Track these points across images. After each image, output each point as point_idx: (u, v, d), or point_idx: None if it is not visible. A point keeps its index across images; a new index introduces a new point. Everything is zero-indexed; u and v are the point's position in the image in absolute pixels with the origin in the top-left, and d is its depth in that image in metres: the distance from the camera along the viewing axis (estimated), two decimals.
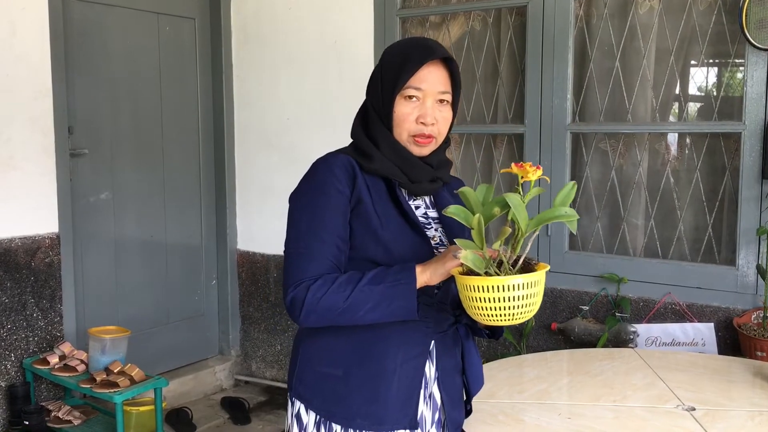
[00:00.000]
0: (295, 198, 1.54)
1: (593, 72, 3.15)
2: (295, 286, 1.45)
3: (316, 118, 3.79)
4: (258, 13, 3.93)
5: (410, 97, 1.51)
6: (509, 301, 1.28)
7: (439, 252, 1.55)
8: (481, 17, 3.43)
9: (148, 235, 3.78)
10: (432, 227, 1.60)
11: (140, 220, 3.74)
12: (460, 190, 1.40)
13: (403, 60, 1.52)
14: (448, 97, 1.54)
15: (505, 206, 1.31)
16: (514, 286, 1.27)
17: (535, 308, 1.32)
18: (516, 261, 1.33)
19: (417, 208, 1.60)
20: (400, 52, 1.55)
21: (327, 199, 1.49)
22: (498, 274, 1.30)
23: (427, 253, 1.51)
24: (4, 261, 3.06)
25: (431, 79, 1.51)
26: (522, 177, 1.33)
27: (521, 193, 1.33)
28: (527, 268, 1.33)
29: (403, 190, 1.57)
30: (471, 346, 1.66)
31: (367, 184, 1.52)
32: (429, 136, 1.53)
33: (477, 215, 1.31)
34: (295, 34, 3.82)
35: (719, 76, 3.00)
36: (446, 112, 1.55)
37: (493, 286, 1.28)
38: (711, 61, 3.00)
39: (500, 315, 1.29)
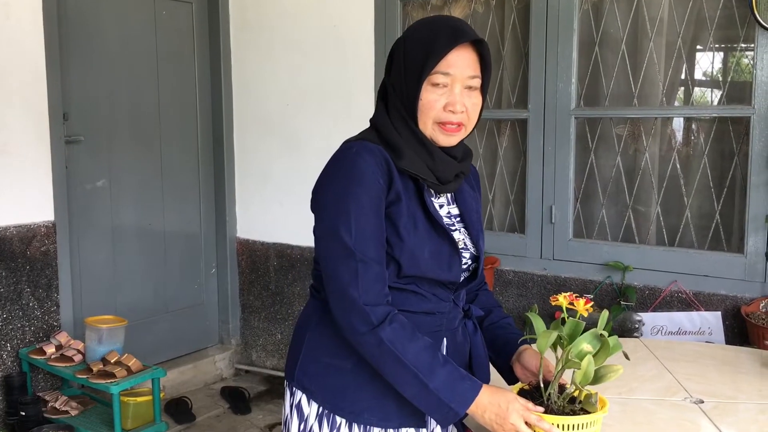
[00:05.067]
0: (328, 192, 1.39)
1: (599, 56, 3.09)
2: (372, 306, 1.34)
3: (317, 104, 3.73)
4: None
5: (437, 83, 1.39)
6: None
7: (465, 258, 1.50)
8: (484, 0, 3.36)
9: (146, 223, 3.73)
10: (456, 228, 1.51)
11: (138, 207, 3.69)
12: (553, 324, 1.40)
13: (430, 42, 1.37)
14: (478, 82, 1.42)
15: (597, 344, 1.36)
16: (573, 426, 1.35)
17: None
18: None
19: (441, 206, 1.51)
20: (426, 33, 1.40)
21: (369, 195, 1.35)
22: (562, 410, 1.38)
23: (454, 260, 1.44)
24: None
25: (460, 64, 1.38)
26: (574, 308, 1.39)
27: (576, 320, 1.39)
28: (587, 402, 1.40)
29: (430, 190, 1.48)
30: (478, 341, 1.61)
31: (401, 180, 1.42)
32: (458, 124, 1.42)
33: (587, 357, 1.35)
34: (295, 17, 3.75)
35: (728, 59, 2.93)
36: (476, 98, 1.43)
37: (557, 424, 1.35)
38: (719, 45, 2.93)
39: None
